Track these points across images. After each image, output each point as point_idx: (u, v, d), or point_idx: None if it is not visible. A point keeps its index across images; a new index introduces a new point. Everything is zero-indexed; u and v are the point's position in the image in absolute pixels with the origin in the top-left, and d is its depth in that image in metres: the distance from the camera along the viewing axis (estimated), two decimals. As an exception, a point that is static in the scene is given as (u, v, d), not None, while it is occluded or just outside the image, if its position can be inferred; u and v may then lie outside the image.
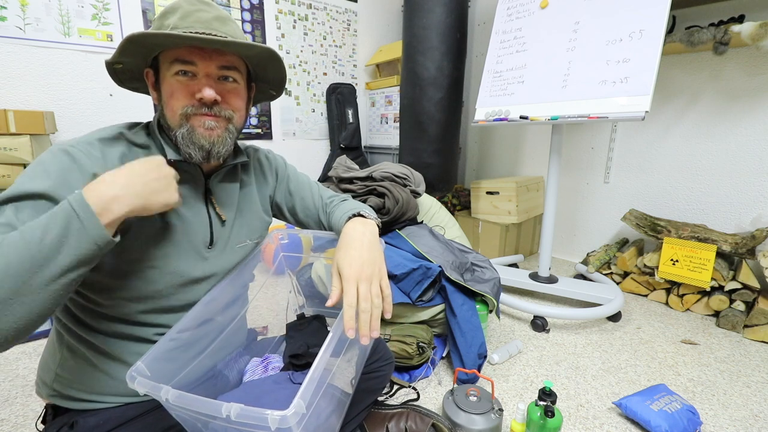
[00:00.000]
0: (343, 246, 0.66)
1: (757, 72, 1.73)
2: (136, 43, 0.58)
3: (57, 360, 0.64)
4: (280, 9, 2.49)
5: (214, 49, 0.61)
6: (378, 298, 0.61)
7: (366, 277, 0.61)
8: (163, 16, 0.62)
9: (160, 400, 0.51)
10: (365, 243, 0.66)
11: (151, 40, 0.58)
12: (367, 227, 0.69)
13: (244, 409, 0.46)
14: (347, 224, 0.71)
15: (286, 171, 0.87)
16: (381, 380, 0.90)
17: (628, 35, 1.45)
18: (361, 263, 0.62)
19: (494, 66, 1.91)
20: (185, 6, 0.62)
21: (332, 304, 0.60)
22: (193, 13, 0.61)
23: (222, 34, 0.61)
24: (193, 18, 0.61)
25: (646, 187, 2.14)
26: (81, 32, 1.84)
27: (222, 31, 0.62)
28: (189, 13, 0.61)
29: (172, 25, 0.60)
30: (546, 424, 0.91)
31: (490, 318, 1.66)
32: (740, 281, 1.61)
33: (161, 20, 0.62)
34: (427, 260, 1.39)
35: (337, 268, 0.63)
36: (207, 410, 0.48)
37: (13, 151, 1.48)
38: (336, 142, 2.79)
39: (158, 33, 0.56)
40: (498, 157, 2.88)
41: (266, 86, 0.77)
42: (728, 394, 1.21)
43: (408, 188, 1.70)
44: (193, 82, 0.61)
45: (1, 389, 1.20)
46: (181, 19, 0.60)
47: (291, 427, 0.45)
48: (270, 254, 0.98)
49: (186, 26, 0.60)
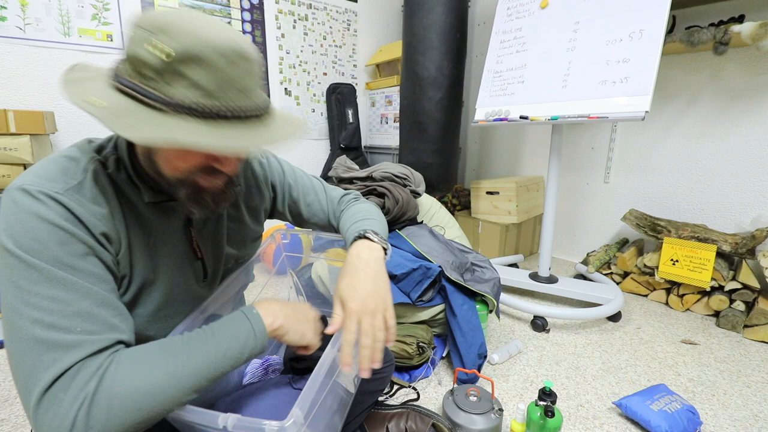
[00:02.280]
0: (347, 274, 0.62)
1: (757, 72, 1.73)
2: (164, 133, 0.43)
3: None
4: (280, 9, 2.49)
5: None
6: (381, 331, 0.58)
7: (370, 311, 0.58)
8: (183, 63, 0.42)
9: None
10: (369, 273, 0.62)
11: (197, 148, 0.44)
12: (373, 254, 0.65)
13: (241, 420, 0.45)
14: (352, 248, 0.67)
15: (285, 179, 0.79)
16: (381, 381, 0.90)
17: (628, 35, 1.45)
18: (364, 296, 0.59)
19: (494, 66, 1.91)
20: (216, 61, 0.43)
21: (331, 332, 0.59)
22: (229, 76, 0.44)
23: (255, 104, 0.48)
24: (237, 84, 0.45)
25: (646, 187, 2.14)
26: (81, 32, 1.84)
27: (255, 98, 0.48)
28: (227, 76, 0.44)
29: (201, 83, 0.43)
30: (546, 424, 0.91)
31: (490, 318, 1.66)
32: (740, 281, 1.61)
33: (178, 67, 0.42)
34: (427, 260, 1.39)
35: (340, 297, 0.60)
36: (203, 420, 0.47)
37: (13, 151, 1.48)
38: (336, 142, 2.79)
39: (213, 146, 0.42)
40: (498, 157, 2.88)
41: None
42: (728, 394, 1.21)
43: (408, 188, 1.70)
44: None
45: (1, 389, 1.20)
46: (219, 88, 0.44)
47: None
48: (270, 254, 0.98)
49: (222, 96, 0.44)
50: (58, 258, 0.44)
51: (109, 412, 0.42)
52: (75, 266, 0.45)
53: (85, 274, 0.45)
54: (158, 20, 0.43)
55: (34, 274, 0.42)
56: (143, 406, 0.43)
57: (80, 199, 0.47)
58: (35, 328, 0.42)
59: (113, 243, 0.50)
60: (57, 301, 0.43)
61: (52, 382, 0.41)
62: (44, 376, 0.41)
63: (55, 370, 0.41)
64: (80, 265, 0.45)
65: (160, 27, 0.42)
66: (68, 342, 0.42)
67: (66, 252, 0.44)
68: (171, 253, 0.59)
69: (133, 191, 0.53)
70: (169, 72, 0.42)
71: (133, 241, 0.53)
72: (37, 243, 0.43)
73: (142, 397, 0.43)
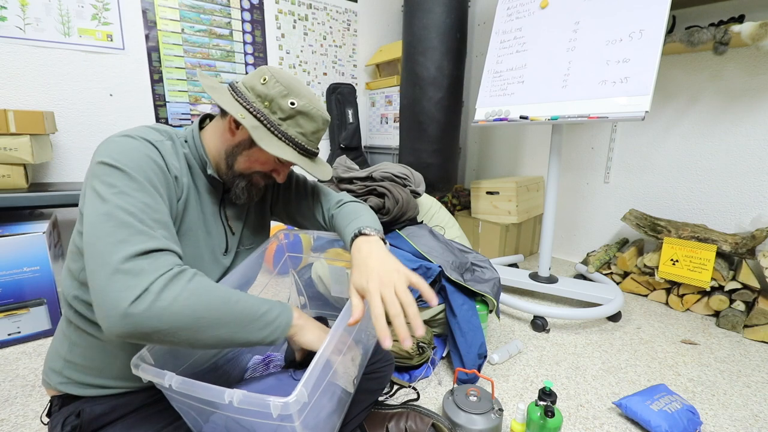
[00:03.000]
0: (356, 268, 0.67)
1: (757, 72, 1.73)
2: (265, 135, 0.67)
3: (66, 346, 0.66)
4: (280, 9, 2.49)
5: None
6: (406, 295, 0.60)
7: (387, 283, 0.61)
8: (302, 114, 0.69)
9: (162, 386, 0.51)
10: (376, 258, 0.66)
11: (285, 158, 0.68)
12: (373, 245, 0.70)
13: (247, 396, 0.47)
14: (353, 247, 0.71)
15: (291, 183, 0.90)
16: (381, 381, 0.90)
17: (628, 35, 1.45)
18: (379, 274, 0.62)
19: (494, 66, 1.91)
20: (313, 112, 0.70)
21: (353, 323, 0.60)
22: (318, 132, 0.72)
23: (318, 146, 0.75)
24: (318, 136, 0.73)
25: (646, 187, 2.14)
26: (81, 32, 1.84)
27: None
28: (318, 131, 0.72)
29: (303, 131, 0.70)
30: (546, 424, 0.91)
31: (490, 318, 1.66)
32: (740, 281, 1.61)
33: (295, 112, 0.68)
34: (427, 260, 1.39)
35: (355, 287, 0.64)
36: (210, 396, 0.48)
37: (13, 151, 1.48)
38: (336, 142, 2.79)
39: (300, 166, 0.69)
40: (498, 157, 2.88)
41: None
42: (728, 394, 1.21)
43: (408, 188, 1.70)
44: (277, 164, 0.73)
45: (1, 389, 1.20)
46: (313, 134, 0.71)
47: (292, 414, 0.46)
48: (271, 254, 0.98)
49: (311, 141, 0.72)
50: (150, 179, 0.56)
51: (176, 299, 0.48)
52: (159, 191, 0.57)
53: (164, 199, 0.58)
54: (288, 83, 0.68)
55: (132, 183, 0.54)
56: (199, 314, 0.50)
57: (165, 148, 0.63)
58: (129, 217, 0.51)
59: (180, 188, 0.64)
60: (147, 207, 0.53)
61: (140, 253, 0.49)
62: (132, 249, 0.48)
63: (143, 246, 0.49)
64: (162, 192, 0.58)
65: (292, 89, 0.68)
66: (154, 235, 0.52)
67: (156, 178, 0.58)
68: (208, 218, 0.72)
69: (198, 164, 0.70)
70: (292, 118, 0.68)
71: (189, 195, 0.67)
72: (135, 164, 0.56)
73: (202, 306, 0.51)
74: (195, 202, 0.69)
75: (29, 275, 1.43)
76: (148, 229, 0.51)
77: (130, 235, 0.49)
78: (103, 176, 0.53)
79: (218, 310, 0.52)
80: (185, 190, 0.66)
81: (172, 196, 0.62)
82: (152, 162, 0.58)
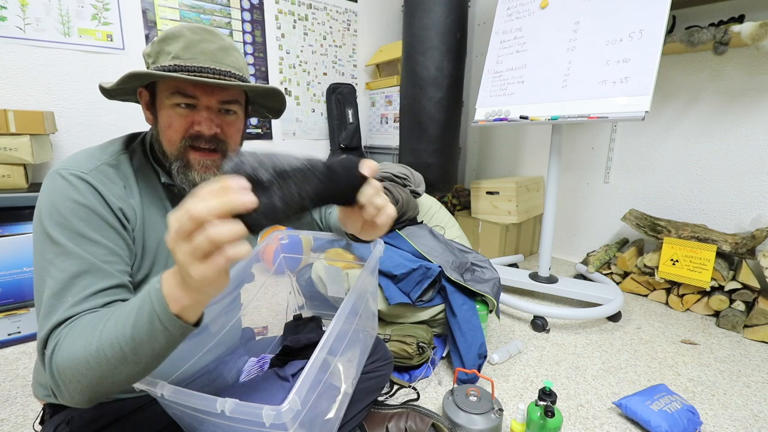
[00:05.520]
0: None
1: (757, 72, 1.73)
2: (138, 78, 0.59)
3: None
4: (280, 9, 2.49)
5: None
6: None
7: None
8: (164, 41, 0.61)
9: (155, 395, 0.51)
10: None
11: (155, 78, 0.59)
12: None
13: (239, 404, 0.46)
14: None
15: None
16: (380, 380, 0.90)
17: (628, 35, 1.44)
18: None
19: (494, 66, 1.91)
20: (188, 35, 0.61)
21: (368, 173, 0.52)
22: (197, 43, 0.60)
23: (226, 66, 0.61)
24: (197, 49, 0.60)
25: (646, 187, 2.14)
26: (81, 32, 1.84)
27: (226, 62, 0.62)
28: (193, 43, 0.60)
29: (173, 53, 0.59)
30: (546, 424, 0.91)
31: (490, 318, 1.66)
32: (740, 281, 1.61)
33: (161, 45, 0.61)
34: (427, 260, 1.39)
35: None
36: (202, 405, 0.47)
37: (13, 151, 1.48)
38: (336, 142, 2.78)
39: (164, 74, 0.57)
40: (498, 157, 2.88)
41: (263, 110, 0.78)
42: (728, 394, 1.21)
43: (408, 188, 1.70)
44: (193, 113, 0.61)
45: (1, 389, 1.20)
46: (184, 50, 0.60)
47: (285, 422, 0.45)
48: (270, 255, 0.98)
49: (189, 57, 0.59)
50: (78, 231, 0.53)
51: (62, 377, 0.47)
52: (92, 238, 0.54)
53: (100, 239, 0.55)
54: (168, 30, 0.62)
55: (56, 248, 0.52)
56: (80, 372, 0.45)
57: (102, 177, 0.58)
58: (47, 291, 0.51)
59: (129, 218, 0.60)
60: (66, 273, 0.52)
61: (44, 339, 0.49)
62: (42, 334, 0.49)
63: (45, 332, 0.49)
64: (96, 238, 0.54)
65: (168, 33, 0.61)
66: (57, 307, 0.50)
67: (86, 226, 0.54)
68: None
69: (153, 174, 0.65)
70: (163, 52, 0.60)
71: (147, 217, 0.63)
72: (63, 218, 0.53)
73: (74, 365, 0.46)
74: (158, 217, 0.64)
75: (29, 275, 1.43)
76: (56, 301, 0.50)
77: (45, 314, 0.50)
78: (38, 240, 0.54)
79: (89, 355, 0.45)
80: (139, 212, 0.61)
81: (118, 228, 0.58)
82: (80, 207, 0.54)
